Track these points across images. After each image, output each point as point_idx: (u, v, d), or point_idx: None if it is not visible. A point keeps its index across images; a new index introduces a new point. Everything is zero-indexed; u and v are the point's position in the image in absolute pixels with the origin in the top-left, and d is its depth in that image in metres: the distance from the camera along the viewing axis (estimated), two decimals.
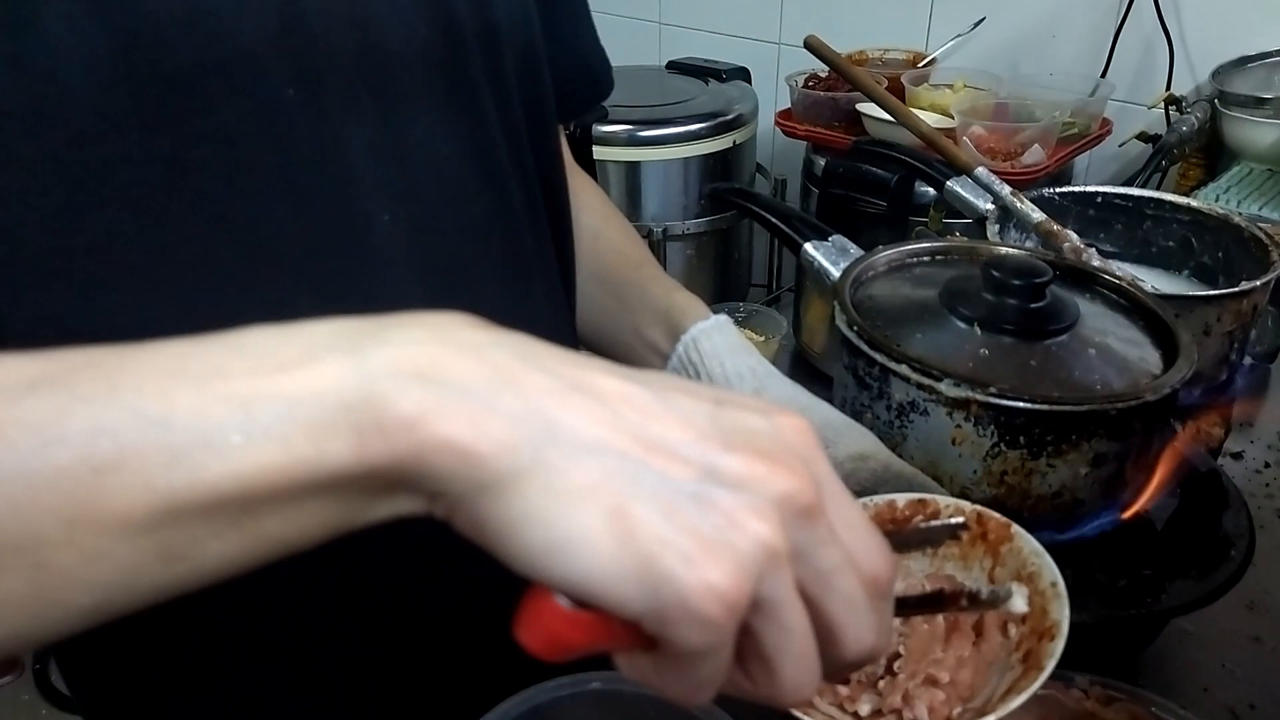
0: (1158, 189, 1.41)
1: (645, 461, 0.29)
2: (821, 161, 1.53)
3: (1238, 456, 0.84)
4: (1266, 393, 0.92)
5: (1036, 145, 1.36)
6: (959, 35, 1.59)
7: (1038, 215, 0.83)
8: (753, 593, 0.28)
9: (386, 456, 0.28)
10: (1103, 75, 1.52)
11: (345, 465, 0.28)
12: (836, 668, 0.33)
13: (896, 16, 1.70)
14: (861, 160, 1.45)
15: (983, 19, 1.59)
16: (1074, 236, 0.81)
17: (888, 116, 1.47)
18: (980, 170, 0.87)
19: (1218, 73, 1.40)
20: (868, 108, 1.48)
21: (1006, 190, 0.85)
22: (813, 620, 0.31)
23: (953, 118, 1.41)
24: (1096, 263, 0.81)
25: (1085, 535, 0.63)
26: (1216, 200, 1.30)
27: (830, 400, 0.66)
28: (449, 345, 0.29)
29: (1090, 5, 1.55)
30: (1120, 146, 1.47)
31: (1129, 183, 1.38)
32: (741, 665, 0.31)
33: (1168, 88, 1.45)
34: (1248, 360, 0.78)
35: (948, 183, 0.88)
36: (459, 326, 0.30)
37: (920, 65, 1.61)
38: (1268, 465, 0.83)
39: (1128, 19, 1.49)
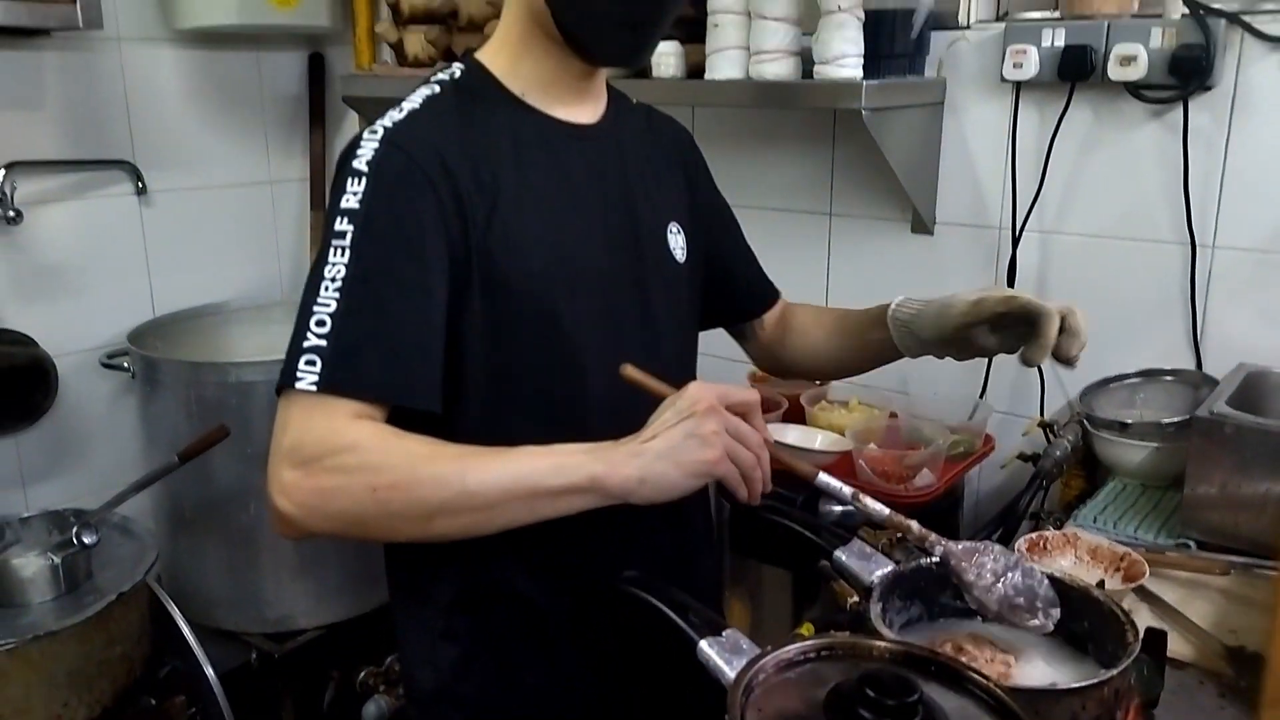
0: (1042, 505, 1.51)
1: (673, 452, 0.85)
2: None
3: None
4: None
5: (926, 469, 1.46)
6: None
7: (884, 511, 0.94)
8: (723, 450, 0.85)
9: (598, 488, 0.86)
10: (981, 395, 1.65)
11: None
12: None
13: None
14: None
15: None
16: (915, 525, 0.92)
17: (792, 441, 1.57)
18: (822, 477, 0.96)
19: (1084, 394, 1.54)
20: (771, 430, 1.57)
21: (849, 492, 0.96)
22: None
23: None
24: (939, 549, 0.91)
25: None
26: (1094, 520, 1.39)
27: None
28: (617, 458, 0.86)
29: None
30: (1002, 468, 1.58)
31: (1015, 501, 1.48)
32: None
33: (1041, 411, 1.59)
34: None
35: (835, 553, 0.95)
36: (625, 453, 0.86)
37: (818, 383, 1.73)
38: None
39: None
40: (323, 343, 0.88)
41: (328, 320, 0.88)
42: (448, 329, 0.94)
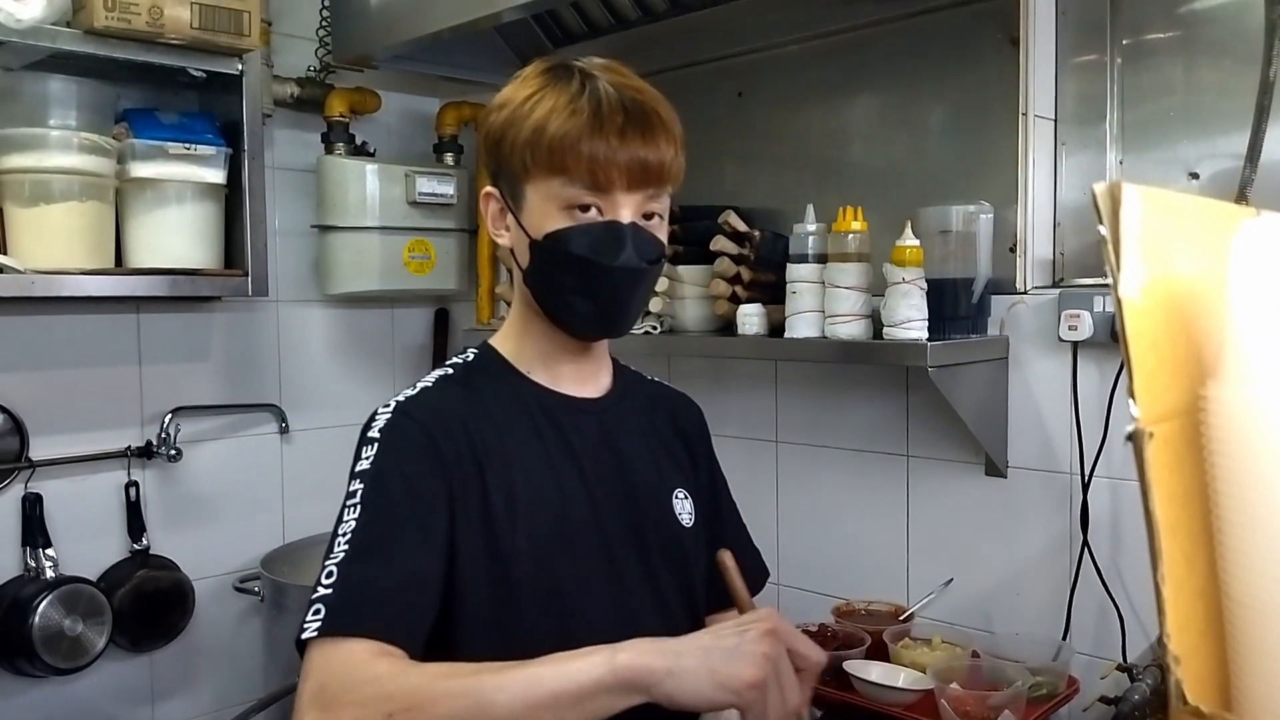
0: None
1: (714, 656, 0.85)
2: (819, 713, 1.65)
3: None
4: None
5: (1008, 710, 1.49)
6: (930, 594, 1.80)
7: None
8: (763, 678, 0.84)
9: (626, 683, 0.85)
10: (1064, 636, 1.68)
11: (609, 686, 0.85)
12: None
13: (879, 573, 1.92)
14: None
15: (951, 580, 1.81)
16: None
17: (875, 678, 1.63)
18: None
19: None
20: (854, 667, 1.63)
21: None
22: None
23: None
24: None
25: None
26: None
27: None
28: (645, 647, 0.87)
29: (1045, 570, 1.76)
30: (1084, 711, 1.60)
31: None
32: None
33: (1123, 654, 1.61)
34: None
35: None
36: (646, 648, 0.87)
37: (901, 619, 1.79)
38: None
39: (1078, 586, 1.69)
40: (329, 592, 0.93)
41: (334, 571, 0.95)
42: (450, 583, 1.00)
